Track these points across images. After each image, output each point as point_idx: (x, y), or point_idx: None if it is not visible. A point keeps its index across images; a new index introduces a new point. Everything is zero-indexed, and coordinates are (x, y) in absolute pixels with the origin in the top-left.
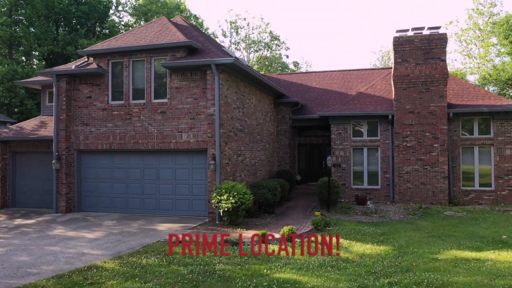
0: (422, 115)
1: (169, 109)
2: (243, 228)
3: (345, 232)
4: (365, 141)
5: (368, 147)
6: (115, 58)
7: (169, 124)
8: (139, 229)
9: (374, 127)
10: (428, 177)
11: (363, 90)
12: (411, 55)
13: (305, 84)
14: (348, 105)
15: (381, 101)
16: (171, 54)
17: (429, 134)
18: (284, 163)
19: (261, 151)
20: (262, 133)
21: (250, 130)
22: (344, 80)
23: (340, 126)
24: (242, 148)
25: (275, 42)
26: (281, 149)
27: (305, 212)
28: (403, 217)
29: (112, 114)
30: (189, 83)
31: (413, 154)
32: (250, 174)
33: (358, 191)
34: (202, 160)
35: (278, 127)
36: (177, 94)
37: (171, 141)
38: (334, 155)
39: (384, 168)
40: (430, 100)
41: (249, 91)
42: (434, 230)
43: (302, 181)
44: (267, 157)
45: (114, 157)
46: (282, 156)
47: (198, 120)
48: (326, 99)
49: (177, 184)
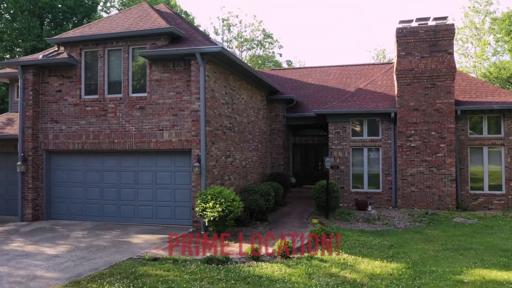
0: (428, 113)
1: (148, 104)
2: (231, 241)
3: (348, 244)
4: (365, 140)
5: (368, 148)
6: (88, 47)
7: (149, 121)
8: (111, 242)
9: (375, 126)
10: (434, 180)
11: (363, 86)
12: (415, 47)
13: (300, 80)
14: (347, 102)
15: (382, 98)
16: (151, 42)
17: (435, 134)
18: (278, 165)
19: (252, 151)
20: (253, 132)
21: (241, 129)
22: (342, 76)
23: (338, 125)
24: (232, 148)
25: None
26: (275, 150)
27: (301, 220)
28: (409, 225)
29: (85, 110)
30: (172, 75)
31: (417, 155)
32: (241, 177)
33: (357, 195)
34: (186, 162)
35: (271, 126)
36: (158, 88)
37: (151, 141)
38: (332, 156)
39: (385, 170)
40: (436, 96)
41: (239, 86)
42: (448, 242)
43: (297, 184)
44: (259, 158)
45: (88, 158)
46: (276, 157)
47: (182, 117)
48: (323, 96)
49: (158, 189)
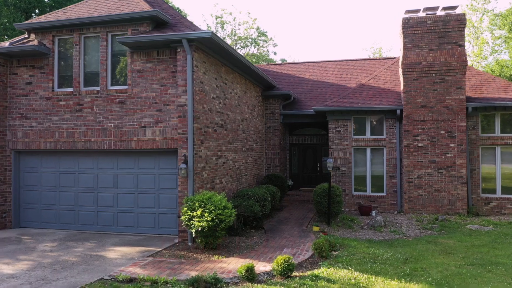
0: (436, 110)
1: (129, 98)
2: (222, 255)
3: (357, 259)
4: (369, 140)
5: (372, 147)
6: (62, 34)
7: (130, 117)
8: (82, 257)
9: (379, 124)
10: (443, 182)
11: (365, 82)
12: (423, 39)
13: (297, 76)
14: (349, 99)
15: (386, 94)
16: (132, 28)
17: (444, 132)
18: (274, 166)
19: (247, 151)
20: (248, 131)
21: (234, 127)
22: (342, 71)
23: (339, 123)
24: (223, 148)
25: (262, 38)
26: (271, 150)
27: (300, 227)
28: (420, 233)
29: (58, 104)
30: (156, 65)
31: (425, 155)
32: (234, 180)
33: (360, 199)
34: (171, 163)
35: (267, 124)
36: (140, 79)
37: (132, 139)
38: (332, 157)
39: (390, 171)
40: (446, 92)
41: (232, 79)
42: (469, 254)
43: (294, 186)
44: (254, 159)
45: (61, 159)
46: (272, 158)
47: (167, 113)
48: (322, 92)
49: (140, 194)
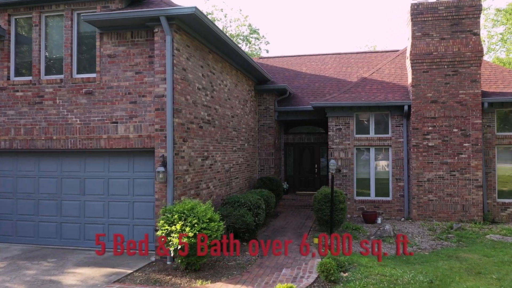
0: (449, 106)
1: (98, 89)
2: (206, 279)
3: (373, 283)
4: (373, 139)
5: (376, 147)
6: (20, 13)
7: (99, 111)
8: (32, 283)
9: (384, 122)
10: (456, 186)
11: (368, 76)
12: (434, 27)
13: (292, 70)
14: (350, 93)
15: (391, 89)
16: (102, 5)
17: (457, 130)
18: (268, 168)
19: (238, 152)
20: (239, 128)
21: (223, 123)
22: (341, 65)
23: (340, 120)
24: (211, 147)
25: (254, 35)
26: (264, 150)
27: (299, 239)
28: (435, 244)
29: (14, 96)
30: (130, 48)
31: (436, 156)
32: (223, 184)
33: (363, 204)
34: (148, 166)
35: (260, 121)
36: (112, 66)
37: (102, 137)
38: (332, 157)
39: (397, 174)
40: (459, 85)
41: (221, 69)
42: (504, 275)
43: (290, 189)
44: (246, 160)
45: (18, 160)
46: (266, 159)
47: (142, 105)
48: (320, 87)
49: (112, 202)
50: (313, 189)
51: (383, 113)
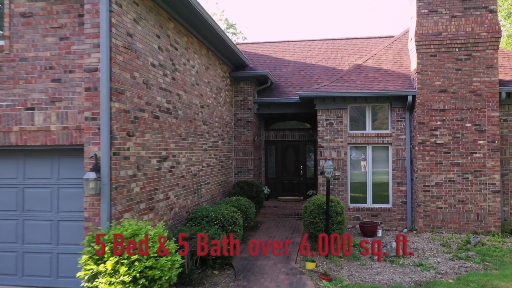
0: (460, 96)
1: (8, 61)
2: None
3: None
4: (370, 136)
5: (374, 145)
6: None
7: (8, 93)
8: None
9: (383, 115)
10: (470, 191)
11: (362, 62)
12: (443, 2)
13: (275, 57)
14: (343, 82)
15: (391, 77)
16: None
17: (470, 125)
18: (246, 170)
19: (209, 151)
20: (211, 122)
21: (190, 115)
22: (330, 52)
23: (331, 113)
24: (172, 145)
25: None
26: (242, 149)
27: (287, 262)
28: (456, 266)
29: None
30: (51, 4)
31: (446, 156)
32: (189, 192)
33: (358, 212)
34: (78, 170)
35: (237, 115)
36: (26, 29)
37: (12, 129)
38: (322, 157)
39: (398, 177)
40: (473, 72)
41: (187, 44)
42: None
43: (271, 195)
44: (219, 161)
45: None
46: (243, 160)
47: (69, 84)
48: (307, 76)
49: (27, 221)
50: (298, 194)
51: (382, 105)
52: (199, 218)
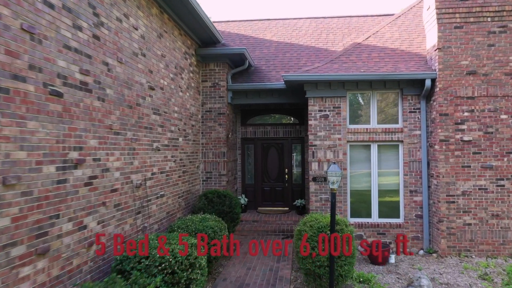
0: (494, 79)
1: None
2: None
3: None
4: (375, 131)
5: (380, 144)
6: None
7: None
8: None
9: (392, 105)
10: (506, 202)
11: (362, 41)
12: None
13: (253, 36)
14: (341, 63)
15: (401, 57)
16: None
17: (507, 117)
18: (218, 176)
19: (164, 151)
20: (167, 112)
21: (129, 97)
22: (320, 31)
23: (327, 103)
24: (92, 142)
25: None
26: (212, 148)
27: None
28: None
29: None
30: None
31: (475, 157)
32: (127, 213)
33: (361, 229)
34: None
35: (206, 105)
36: None
37: None
38: (315, 158)
39: (411, 183)
40: (509, 49)
41: None
42: None
43: (250, 205)
44: (180, 164)
45: None
46: (214, 162)
47: None
48: (293, 58)
49: None
50: (283, 204)
51: (390, 93)
52: (133, 262)
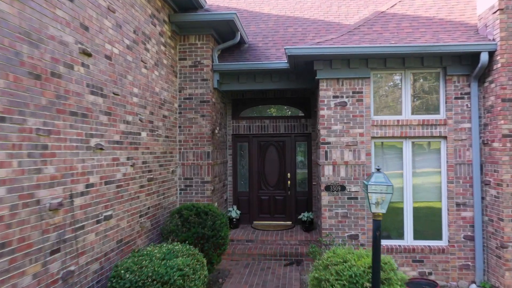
0: None
1: None
2: None
3: None
4: (409, 124)
5: (415, 141)
6: None
7: None
8: None
9: (431, 90)
10: None
11: (386, 9)
12: None
13: (247, 10)
14: (362, 35)
15: (440, 26)
16: None
17: None
18: (200, 183)
19: (113, 151)
20: (118, 93)
21: (26, 56)
22: (330, 3)
23: (344, 87)
24: None
25: None
26: (192, 147)
27: None
28: None
29: None
30: None
31: None
32: (28, 259)
33: (391, 254)
34: None
35: (185, 90)
36: None
37: None
38: (328, 160)
39: (458, 193)
40: None
41: None
42: None
43: (243, 219)
44: (144, 170)
45: None
46: (195, 165)
47: None
48: (298, 33)
49: None
50: (284, 217)
51: (429, 73)
52: None
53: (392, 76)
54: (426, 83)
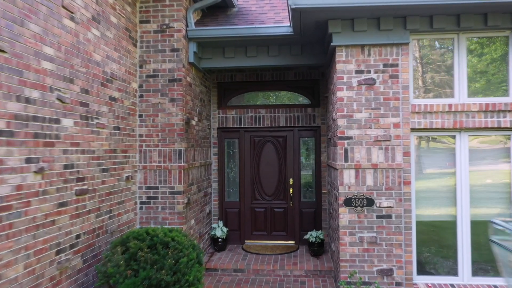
0: None
1: None
2: None
3: None
4: (464, 110)
5: (473, 134)
6: None
7: None
8: None
9: (497, 61)
10: None
11: None
12: None
13: None
14: None
15: None
16: None
17: None
18: (169, 194)
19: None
20: (10, 52)
21: None
22: None
23: (371, 57)
24: None
25: None
26: (158, 144)
27: None
28: None
29: None
30: None
31: None
32: None
33: None
34: None
35: (149, 65)
36: None
37: None
38: (349, 163)
39: None
40: None
41: None
42: None
43: (231, 238)
44: (63, 179)
45: None
46: (163, 169)
47: None
48: None
49: None
50: (285, 236)
51: (495, 37)
52: None
53: (440, 41)
54: (489, 53)
